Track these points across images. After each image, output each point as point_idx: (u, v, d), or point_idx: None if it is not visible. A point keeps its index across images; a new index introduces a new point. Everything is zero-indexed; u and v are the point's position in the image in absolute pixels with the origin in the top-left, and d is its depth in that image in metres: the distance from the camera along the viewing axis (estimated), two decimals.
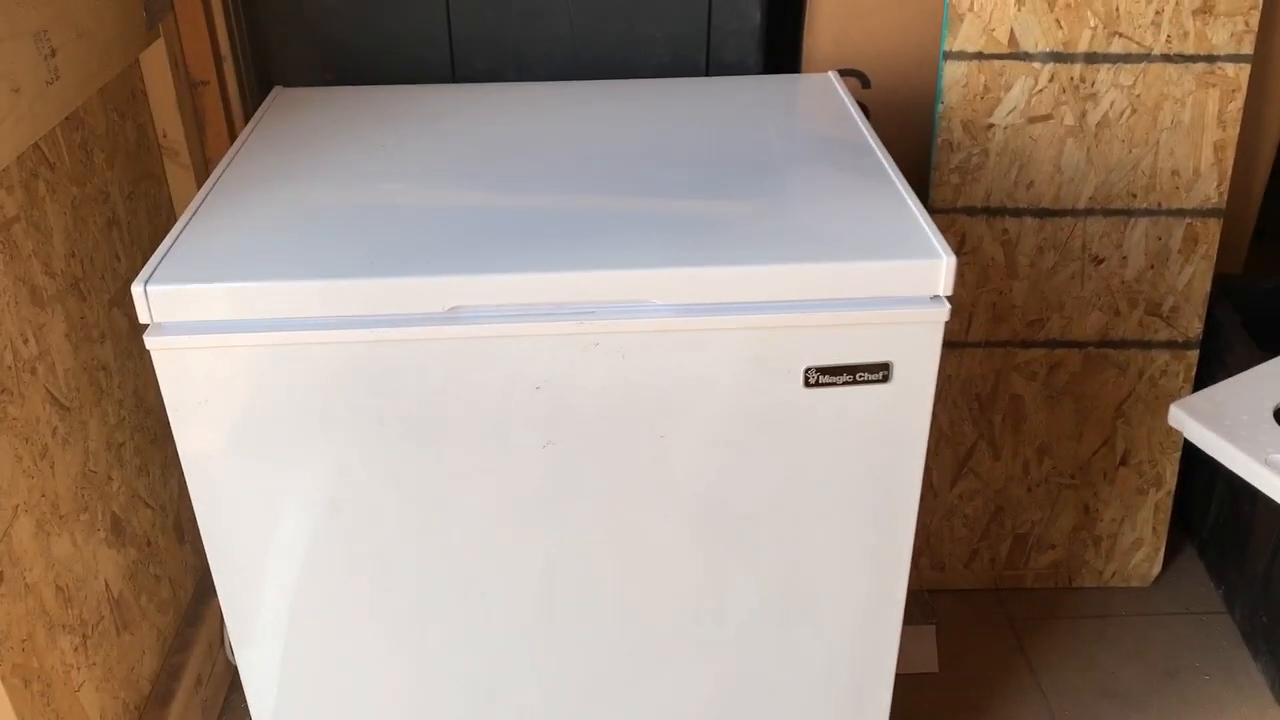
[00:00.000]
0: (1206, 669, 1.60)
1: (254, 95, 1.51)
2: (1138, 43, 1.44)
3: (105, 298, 1.28)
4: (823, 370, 0.97)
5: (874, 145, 1.16)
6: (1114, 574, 1.75)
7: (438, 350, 0.96)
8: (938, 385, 0.99)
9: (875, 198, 1.05)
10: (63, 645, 1.15)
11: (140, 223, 1.38)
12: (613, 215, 1.04)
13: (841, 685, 1.17)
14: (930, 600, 1.69)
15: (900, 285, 0.95)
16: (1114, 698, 1.56)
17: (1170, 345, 1.59)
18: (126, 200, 1.34)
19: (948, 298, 0.95)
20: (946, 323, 0.96)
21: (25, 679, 1.07)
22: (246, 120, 1.50)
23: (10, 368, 1.06)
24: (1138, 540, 1.72)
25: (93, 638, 1.22)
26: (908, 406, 1.00)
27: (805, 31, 1.52)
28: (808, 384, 0.98)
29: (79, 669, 1.18)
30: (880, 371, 0.97)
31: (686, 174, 1.12)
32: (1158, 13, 1.43)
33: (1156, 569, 1.74)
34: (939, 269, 0.94)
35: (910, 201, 1.03)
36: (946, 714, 1.55)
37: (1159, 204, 1.52)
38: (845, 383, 0.98)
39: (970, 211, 1.52)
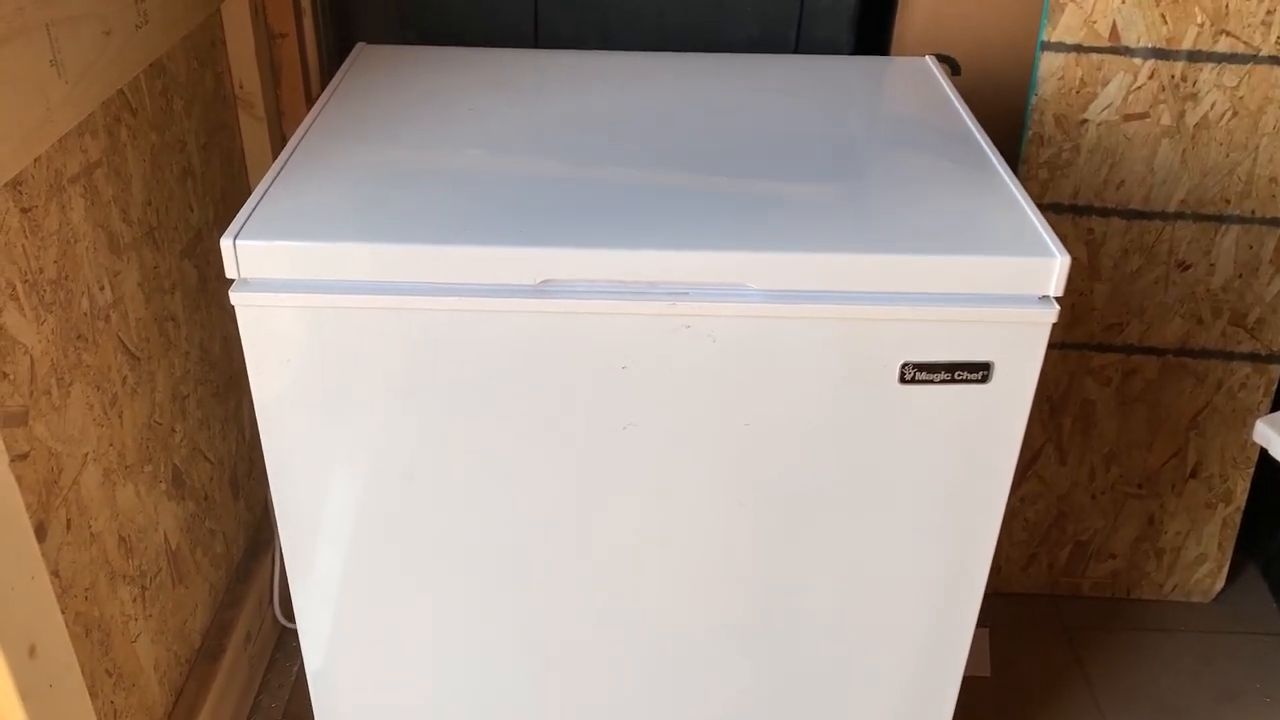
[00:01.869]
0: (1269, 690, 1.57)
1: (332, 50, 1.49)
2: (1245, 42, 1.39)
3: (178, 248, 1.27)
4: (920, 366, 0.94)
5: (978, 135, 1.12)
6: (1174, 588, 1.71)
7: (525, 323, 0.93)
8: None
9: (982, 189, 1.02)
10: (123, 595, 1.14)
11: (214, 174, 1.37)
12: (705, 195, 1.00)
13: (907, 687, 1.14)
14: (985, 602, 1.66)
15: (1008, 283, 0.92)
16: (1172, 715, 1.53)
17: (1253, 358, 1.55)
18: (201, 150, 1.33)
19: (1057, 299, 0.92)
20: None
21: (86, 628, 1.06)
22: (323, 75, 1.48)
23: (87, 314, 1.05)
24: (1201, 555, 1.68)
25: (150, 589, 1.21)
26: (1005, 409, 0.96)
27: (898, 13, 1.48)
28: (903, 380, 0.95)
29: (137, 620, 1.17)
30: (980, 371, 0.94)
31: (779, 155, 1.09)
32: (1269, 12, 1.37)
33: (1219, 585, 1.70)
34: (1051, 268, 0.90)
35: (1020, 196, 0.99)
36: (997, 719, 1.52)
37: (1253, 211, 1.47)
38: (942, 381, 0.94)
39: (1056, 209, 1.48)
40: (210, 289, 1.36)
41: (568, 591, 1.09)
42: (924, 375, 0.94)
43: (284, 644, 1.56)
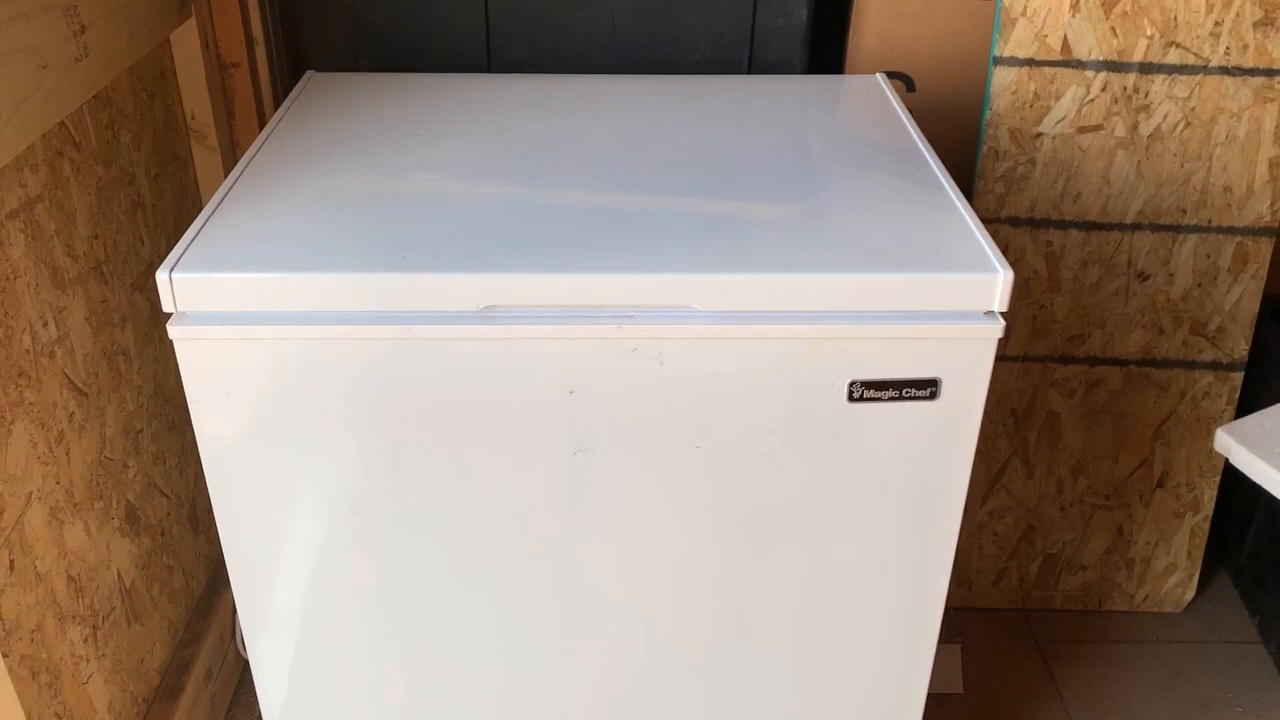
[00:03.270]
0: (1240, 700, 1.56)
1: (285, 79, 1.48)
2: (1195, 54, 1.40)
3: (127, 281, 1.25)
4: (868, 384, 0.93)
5: (925, 152, 1.12)
6: (1146, 598, 1.71)
7: (470, 350, 0.92)
8: None
9: (927, 206, 1.02)
10: (72, 636, 1.12)
11: (165, 206, 1.36)
12: (653, 216, 1.00)
13: (871, 705, 1.13)
14: (956, 618, 1.65)
15: (952, 299, 0.91)
16: None
17: (1214, 366, 1.55)
18: (152, 182, 1.32)
19: (1001, 314, 0.91)
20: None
21: (33, 670, 1.04)
22: (276, 104, 1.47)
23: (29, 351, 1.03)
24: (1171, 565, 1.68)
25: (103, 628, 1.19)
26: (954, 425, 0.96)
27: (850, 32, 1.48)
28: (851, 398, 0.94)
29: (88, 660, 1.15)
30: (928, 388, 0.93)
31: (729, 175, 1.09)
32: (1217, 24, 1.38)
33: (1190, 595, 1.70)
34: (994, 284, 0.90)
35: (964, 212, 0.99)
36: None
37: (1209, 221, 1.48)
38: (891, 398, 0.94)
39: (1014, 222, 1.48)
40: (163, 322, 1.35)
41: (523, 620, 1.07)
42: (872, 393, 0.93)
43: (247, 680, 1.53)
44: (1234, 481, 1.64)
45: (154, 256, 1.32)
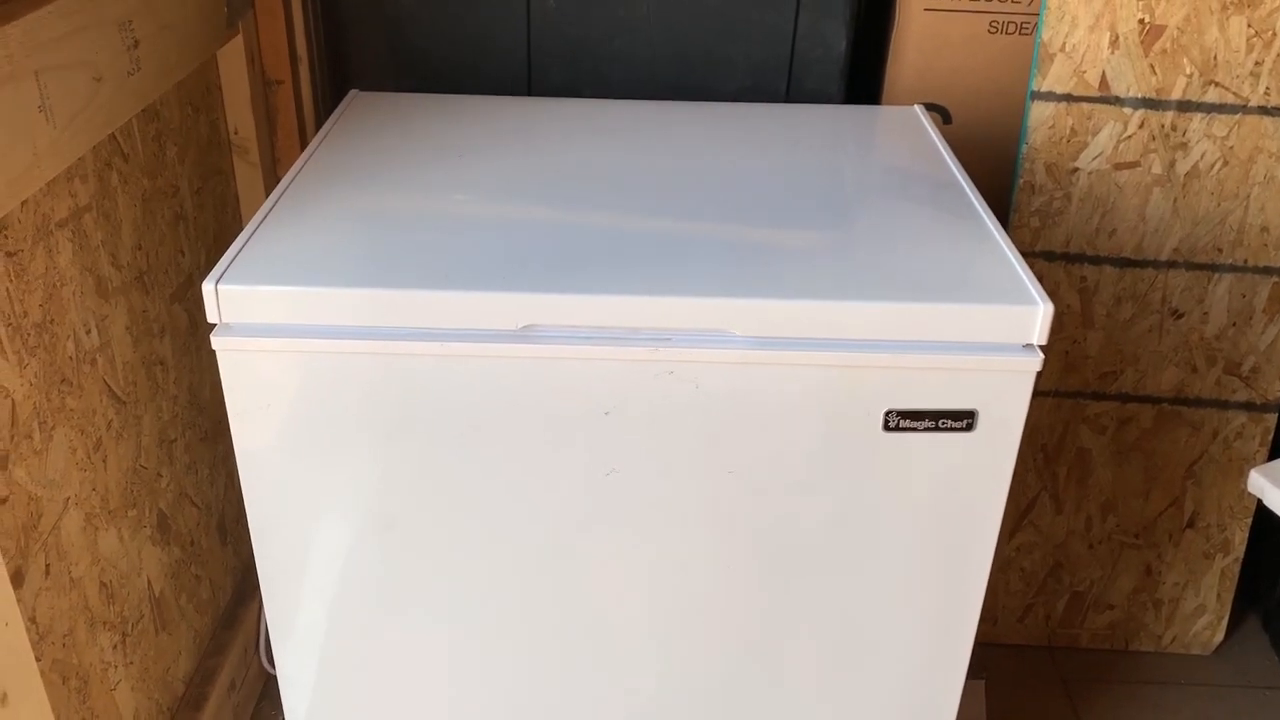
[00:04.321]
0: None
1: (327, 97, 1.50)
2: (1234, 93, 1.39)
3: (168, 292, 1.27)
4: (904, 414, 0.93)
5: (964, 183, 1.12)
6: (1173, 639, 1.69)
7: (507, 369, 0.93)
8: None
9: (967, 238, 1.02)
10: (102, 642, 1.13)
11: (207, 219, 1.37)
12: (692, 241, 1.01)
13: None
14: (980, 654, 1.64)
15: (992, 331, 0.91)
16: None
17: (1248, 407, 1.54)
18: (195, 195, 1.33)
19: (1041, 347, 0.91)
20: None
21: (64, 675, 1.05)
22: (318, 122, 1.49)
23: (71, 358, 1.05)
24: (1200, 606, 1.66)
25: (132, 636, 1.20)
26: (990, 458, 0.95)
27: (888, 63, 1.49)
28: (887, 428, 0.94)
29: (116, 667, 1.16)
30: (965, 419, 0.93)
31: (768, 202, 1.09)
32: (1257, 63, 1.38)
33: (1219, 638, 1.68)
34: (1035, 316, 0.90)
35: (1004, 244, 0.99)
36: None
37: (1245, 260, 1.47)
38: (927, 429, 0.94)
39: (1049, 257, 1.48)
40: (200, 333, 1.36)
41: (552, 639, 1.07)
42: (908, 423, 0.93)
43: (269, 693, 1.54)
44: (1265, 524, 1.62)
45: (194, 269, 1.34)
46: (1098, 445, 1.57)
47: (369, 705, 1.12)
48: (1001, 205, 1.48)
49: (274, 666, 1.13)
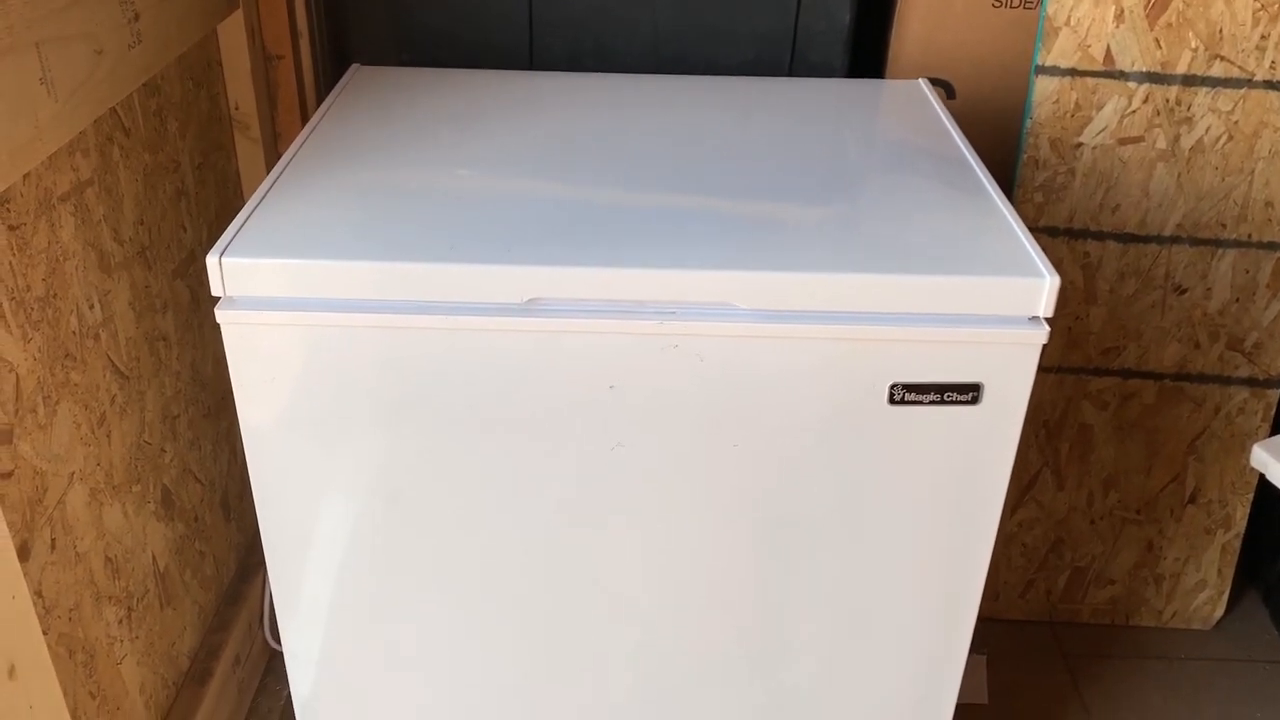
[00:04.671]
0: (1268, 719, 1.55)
1: (328, 72, 1.49)
2: (1240, 67, 1.39)
3: (170, 268, 1.26)
4: (909, 387, 0.93)
5: (969, 156, 1.12)
6: (1174, 615, 1.70)
7: (513, 342, 0.93)
8: None
9: (972, 210, 1.01)
10: (108, 617, 1.13)
11: (208, 194, 1.37)
12: (696, 214, 1.00)
13: (901, 714, 1.13)
14: (982, 629, 1.64)
15: (998, 304, 0.91)
16: None
17: (1250, 383, 1.54)
18: (196, 170, 1.33)
19: (1047, 320, 0.91)
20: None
21: (70, 649, 1.05)
22: (319, 96, 1.49)
23: (75, 333, 1.05)
24: (1201, 581, 1.66)
25: (137, 610, 1.20)
26: (995, 431, 0.95)
27: (892, 37, 1.48)
28: (892, 400, 0.94)
29: (122, 641, 1.16)
30: (970, 393, 0.93)
31: (773, 176, 1.09)
32: (1263, 37, 1.37)
33: (1219, 612, 1.68)
34: (1041, 289, 0.90)
35: (1010, 217, 0.99)
36: None
37: (1249, 236, 1.47)
38: (932, 402, 0.94)
39: (1052, 232, 1.47)
40: (203, 309, 1.36)
41: (558, 613, 1.07)
42: (913, 396, 0.93)
43: (274, 668, 1.54)
44: (1266, 499, 1.63)
45: (195, 244, 1.34)
46: (1100, 421, 1.57)
47: (374, 679, 1.13)
48: (1005, 180, 1.48)
49: (278, 642, 1.14)
